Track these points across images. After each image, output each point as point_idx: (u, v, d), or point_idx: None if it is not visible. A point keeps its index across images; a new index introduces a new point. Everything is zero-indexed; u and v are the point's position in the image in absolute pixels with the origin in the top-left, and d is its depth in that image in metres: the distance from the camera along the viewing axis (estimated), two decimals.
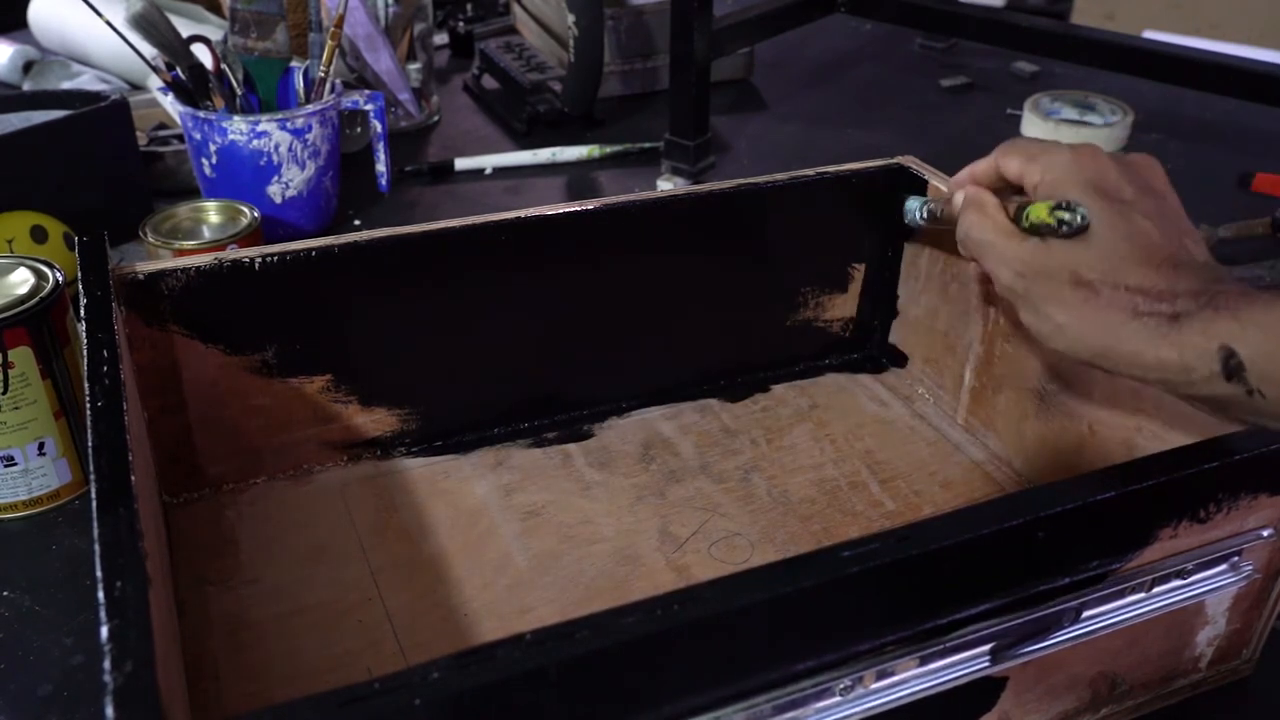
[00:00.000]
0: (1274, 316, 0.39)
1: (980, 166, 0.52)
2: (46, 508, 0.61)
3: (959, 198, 0.52)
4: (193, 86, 0.84)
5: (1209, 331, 0.40)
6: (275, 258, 0.56)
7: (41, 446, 0.60)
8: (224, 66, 0.86)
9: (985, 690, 0.44)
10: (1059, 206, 0.45)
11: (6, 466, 0.59)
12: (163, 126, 1.02)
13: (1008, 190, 0.51)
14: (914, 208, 0.60)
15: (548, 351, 0.65)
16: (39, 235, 0.78)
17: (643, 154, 1.10)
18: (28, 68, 1.18)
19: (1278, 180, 1.03)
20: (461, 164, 1.07)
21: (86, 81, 1.13)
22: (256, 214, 0.76)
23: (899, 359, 0.73)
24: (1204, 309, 0.40)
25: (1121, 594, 0.44)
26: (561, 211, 0.61)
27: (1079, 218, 0.45)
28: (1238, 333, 0.39)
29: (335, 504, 0.60)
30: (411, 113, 1.14)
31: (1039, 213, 0.46)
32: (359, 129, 1.06)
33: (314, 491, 0.61)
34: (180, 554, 0.56)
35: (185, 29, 0.85)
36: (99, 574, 0.34)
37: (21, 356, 0.58)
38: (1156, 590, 0.45)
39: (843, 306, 0.72)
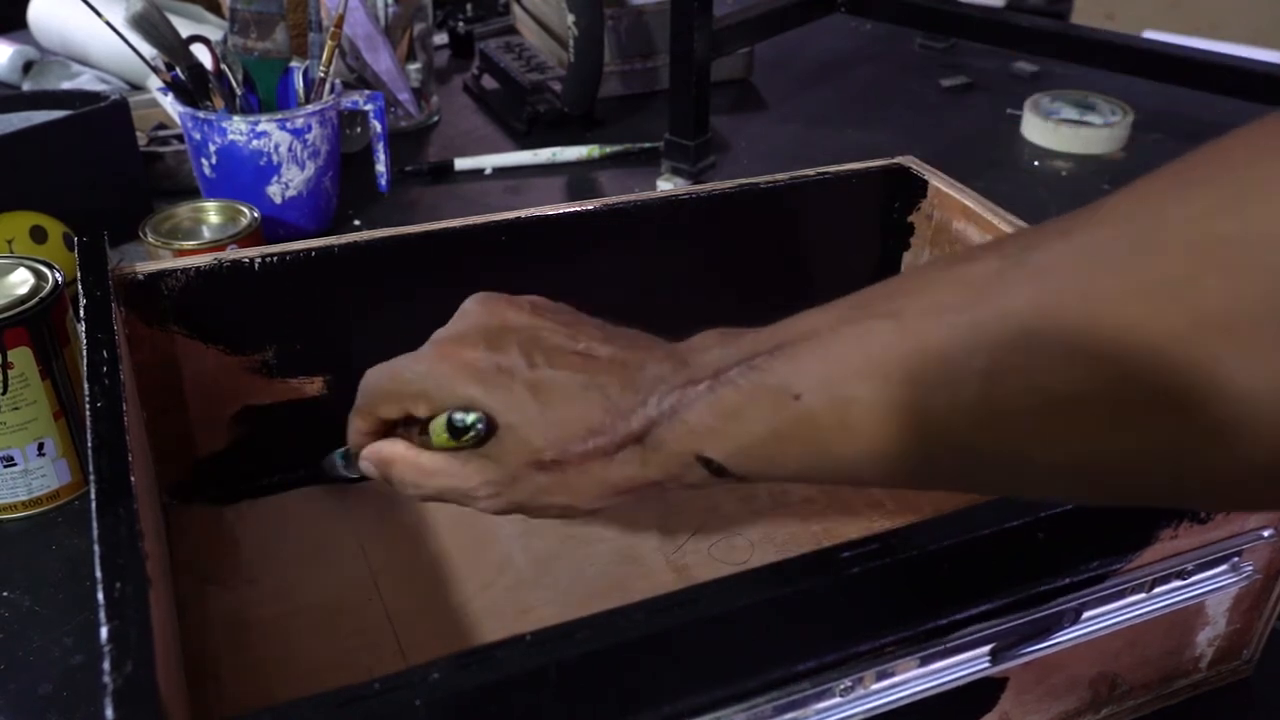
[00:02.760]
0: (722, 415, 0.37)
1: (362, 422, 0.46)
2: (46, 508, 0.61)
3: (365, 465, 0.47)
4: (193, 86, 0.84)
5: (681, 443, 0.38)
6: (275, 258, 0.56)
7: (41, 447, 0.60)
8: (224, 66, 0.86)
9: (985, 691, 0.44)
10: (450, 424, 0.40)
11: (6, 466, 0.59)
12: (163, 126, 1.02)
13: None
14: (337, 460, 0.54)
15: None
16: (39, 235, 0.78)
17: (643, 154, 1.10)
18: (28, 68, 1.18)
19: None
20: (461, 164, 1.07)
21: (86, 81, 1.13)
22: (256, 214, 0.76)
23: None
24: (665, 422, 0.38)
25: (1121, 594, 0.44)
26: (561, 211, 0.61)
27: (475, 424, 0.40)
28: (704, 439, 0.37)
29: (335, 504, 0.60)
30: (411, 113, 1.14)
31: (439, 437, 0.41)
32: (359, 129, 1.06)
33: (314, 492, 0.60)
34: (180, 554, 0.56)
35: (185, 29, 0.85)
36: (99, 574, 0.34)
37: (21, 357, 0.58)
38: (1157, 591, 0.45)
39: None
